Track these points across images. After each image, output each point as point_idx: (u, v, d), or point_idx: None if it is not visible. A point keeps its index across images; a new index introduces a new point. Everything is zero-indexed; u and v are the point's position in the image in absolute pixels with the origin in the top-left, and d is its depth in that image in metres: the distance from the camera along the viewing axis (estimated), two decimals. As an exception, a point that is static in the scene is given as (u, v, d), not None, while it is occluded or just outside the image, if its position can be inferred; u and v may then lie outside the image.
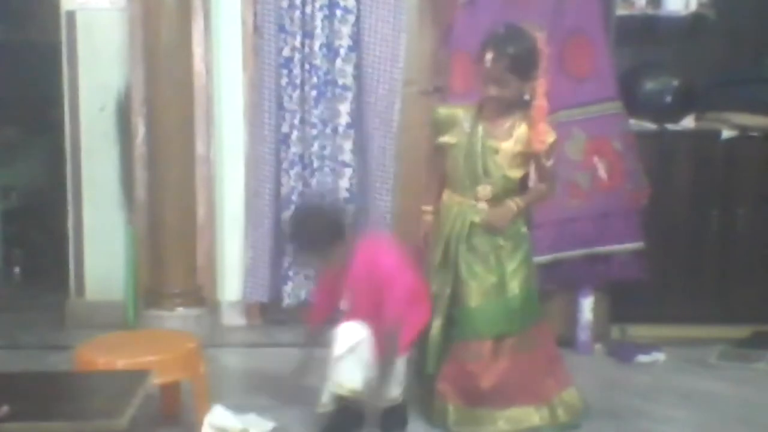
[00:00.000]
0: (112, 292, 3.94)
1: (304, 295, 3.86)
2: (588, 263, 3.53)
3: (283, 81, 3.80)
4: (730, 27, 3.92)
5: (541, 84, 2.61)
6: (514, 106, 2.64)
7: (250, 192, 3.94)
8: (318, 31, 3.75)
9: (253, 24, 3.91)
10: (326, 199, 3.49)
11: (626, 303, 3.64)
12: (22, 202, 5.37)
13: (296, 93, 3.80)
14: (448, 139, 2.70)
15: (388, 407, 2.69)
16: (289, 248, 3.76)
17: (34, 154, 5.34)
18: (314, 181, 3.82)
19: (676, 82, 3.76)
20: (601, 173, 3.51)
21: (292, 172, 3.83)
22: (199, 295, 3.93)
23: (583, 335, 3.59)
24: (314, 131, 3.80)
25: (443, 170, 2.76)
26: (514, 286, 2.67)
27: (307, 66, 3.78)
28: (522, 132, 2.63)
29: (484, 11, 3.46)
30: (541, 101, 2.60)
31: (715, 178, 3.73)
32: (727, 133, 3.71)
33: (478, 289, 2.66)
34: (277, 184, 3.88)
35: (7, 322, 4.15)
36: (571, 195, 3.50)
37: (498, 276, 2.66)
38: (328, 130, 3.82)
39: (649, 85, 3.75)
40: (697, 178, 3.72)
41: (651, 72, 3.81)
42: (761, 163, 3.72)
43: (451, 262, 2.70)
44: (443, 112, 2.77)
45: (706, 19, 3.73)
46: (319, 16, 3.75)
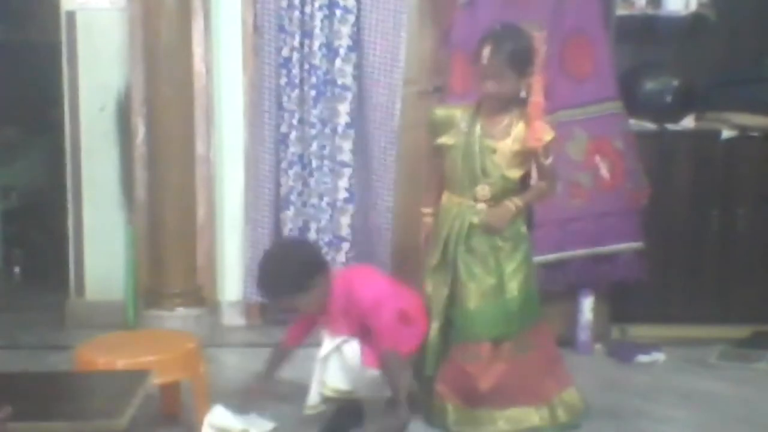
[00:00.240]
0: (112, 292, 3.94)
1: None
2: (591, 264, 3.53)
3: (283, 81, 3.80)
4: (730, 27, 3.92)
5: (537, 81, 2.61)
6: (511, 104, 2.64)
7: (250, 192, 3.94)
8: (317, 30, 3.74)
9: (253, 24, 3.91)
10: (296, 242, 3.41)
11: (626, 303, 3.65)
12: (22, 202, 5.36)
13: (295, 93, 3.79)
14: (445, 140, 2.69)
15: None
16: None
17: (34, 154, 5.34)
18: (313, 181, 3.82)
19: (676, 82, 3.76)
20: (603, 173, 3.51)
21: (291, 172, 3.83)
22: (199, 295, 3.93)
23: (583, 335, 3.59)
24: (313, 131, 3.80)
25: (442, 172, 2.76)
26: (513, 287, 2.66)
27: (307, 66, 3.78)
28: (519, 131, 2.62)
29: (484, 11, 3.46)
30: (538, 98, 2.59)
31: (715, 178, 3.72)
32: (727, 133, 3.71)
33: (476, 291, 2.65)
34: (277, 184, 3.87)
35: (7, 322, 4.15)
36: (573, 195, 3.50)
37: (497, 277, 2.66)
38: (327, 130, 3.81)
39: (649, 85, 3.75)
40: (697, 178, 3.72)
41: (651, 72, 3.81)
42: (761, 163, 3.71)
43: (449, 263, 2.69)
44: (440, 113, 2.77)
45: (706, 19, 3.73)
46: (319, 15, 3.74)
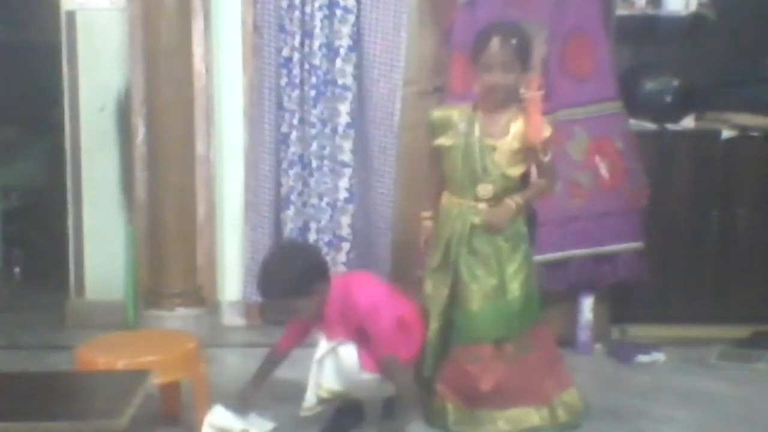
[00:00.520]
0: (112, 292, 3.94)
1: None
2: (591, 264, 3.52)
3: (283, 81, 3.80)
4: (730, 27, 3.91)
5: (533, 78, 2.64)
6: (509, 101, 2.65)
7: (250, 192, 3.94)
8: (317, 30, 3.75)
9: (253, 24, 3.91)
10: (301, 246, 3.37)
11: (626, 303, 3.65)
12: (22, 202, 5.37)
13: (296, 93, 3.79)
14: (444, 141, 2.69)
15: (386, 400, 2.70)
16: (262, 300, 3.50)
17: (34, 154, 5.34)
18: (313, 181, 3.82)
19: (676, 82, 3.76)
20: (603, 173, 3.51)
21: (291, 172, 3.83)
22: (199, 295, 3.94)
23: (583, 335, 3.59)
24: (313, 131, 3.80)
25: (440, 174, 2.76)
26: (514, 287, 2.65)
27: (307, 66, 3.78)
28: (519, 128, 2.62)
29: (484, 11, 3.46)
30: (534, 94, 2.61)
31: (715, 178, 3.72)
32: (727, 133, 3.71)
33: (479, 292, 2.64)
34: (277, 184, 3.87)
35: (7, 322, 4.15)
36: (573, 195, 3.50)
37: (498, 278, 2.65)
38: (327, 130, 3.81)
39: (649, 85, 3.75)
40: (697, 178, 3.72)
41: (651, 72, 3.81)
42: (761, 163, 3.71)
43: (450, 264, 2.68)
44: (437, 114, 2.76)
45: (706, 19, 3.73)
46: (319, 15, 3.74)
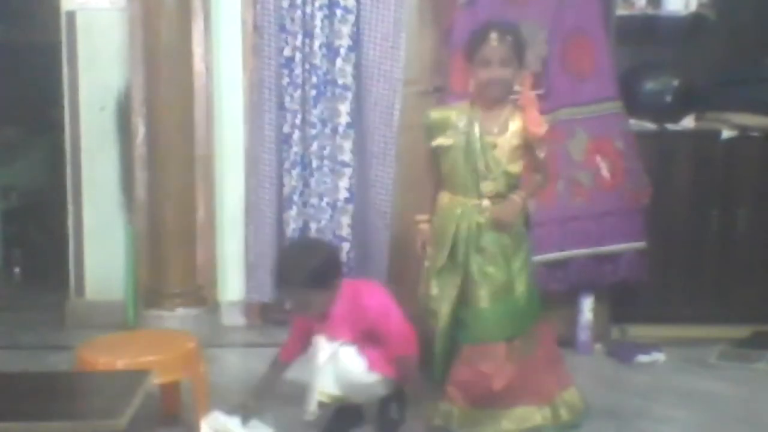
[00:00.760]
0: (112, 292, 3.95)
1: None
2: (593, 264, 3.52)
3: (284, 81, 3.79)
4: (730, 27, 3.91)
5: (527, 77, 2.67)
6: (506, 97, 2.66)
7: (251, 192, 3.94)
8: (318, 30, 3.74)
9: (253, 24, 3.91)
10: (325, 241, 3.46)
11: (626, 303, 3.64)
12: (22, 202, 5.37)
13: (297, 93, 3.78)
14: (442, 141, 2.67)
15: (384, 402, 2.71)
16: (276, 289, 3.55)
17: (34, 154, 5.35)
18: (313, 181, 3.82)
19: (676, 82, 3.76)
20: (604, 173, 3.51)
21: (293, 172, 3.82)
22: (199, 295, 3.94)
23: (583, 335, 3.59)
24: (314, 131, 3.80)
25: (438, 175, 2.75)
26: (520, 284, 2.65)
27: (307, 66, 3.78)
28: (517, 126, 2.63)
29: (484, 11, 3.45)
30: (528, 91, 2.64)
31: (715, 178, 3.72)
32: (727, 133, 3.71)
33: (489, 291, 2.63)
34: (279, 184, 3.86)
35: (7, 322, 4.16)
36: (574, 194, 3.50)
37: (506, 276, 2.64)
38: (327, 130, 3.81)
39: (649, 85, 3.75)
40: (697, 178, 3.72)
41: (651, 72, 3.80)
42: (761, 163, 3.71)
43: (458, 264, 2.65)
44: (435, 115, 2.75)
45: (706, 19, 3.73)
46: (319, 15, 3.74)
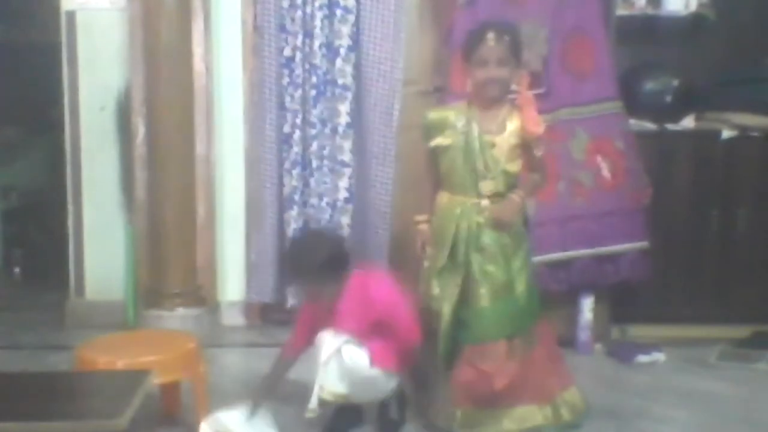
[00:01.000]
0: (112, 292, 3.95)
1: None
2: (594, 264, 3.52)
3: (285, 80, 3.79)
4: (730, 27, 3.91)
5: (524, 77, 2.67)
6: (503, 96, 2.66)
7: (251, 192, 3.94)
8: (317, 30, 3.74)
9: (253, 24, 3.91)
10: (329, 230, 3.50)
11: (626, 303, 3.64)
12: (22, 202, 5.38)
13: (298, 92, 3.78)
14: (441, 140, 2.67)
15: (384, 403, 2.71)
16: (286, 276, 3.73)
17: (34, 154, 5.35)
18: (313, 181, 3.82)
19: (676, 82, 3.76)
20: (605, 173, 3.51)
21: (294, 172, 3.82)
22: (199, 295, 3.94)
23: (583, 335, 3.59)
24: (313, 131, 3.80)
25: (437, 175, 2.75)
26: (521, 283, 2.66)
27: (307, 66, 3.78)
28: (515, 125, 2.63)
29: (484, 11, 3.46)
30: (525, 91, 2.64)
31: (715, 178, 3.72)
32: (727, 133, 3.71)
33: (491, 290, 2.63)
34: (280, 184, 3.86)
35: (7, 322, 4.16)
36: (575, 194, 3.51)
37: (507, 275, 2.64)
38: (327, 130, 3.81)
39: (649, 85, 3.75)
40: (697, 178, 3.72)
41: (651, 72, 3.81)
42: (761, 163, 3.71)
43: (459, 263, 2.65)
44: (433, 116, 2.75)
45: (706, 19, 3.73)
46: (319, 15, 3.74)
